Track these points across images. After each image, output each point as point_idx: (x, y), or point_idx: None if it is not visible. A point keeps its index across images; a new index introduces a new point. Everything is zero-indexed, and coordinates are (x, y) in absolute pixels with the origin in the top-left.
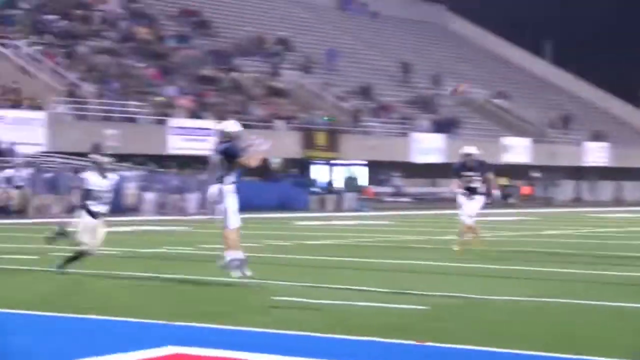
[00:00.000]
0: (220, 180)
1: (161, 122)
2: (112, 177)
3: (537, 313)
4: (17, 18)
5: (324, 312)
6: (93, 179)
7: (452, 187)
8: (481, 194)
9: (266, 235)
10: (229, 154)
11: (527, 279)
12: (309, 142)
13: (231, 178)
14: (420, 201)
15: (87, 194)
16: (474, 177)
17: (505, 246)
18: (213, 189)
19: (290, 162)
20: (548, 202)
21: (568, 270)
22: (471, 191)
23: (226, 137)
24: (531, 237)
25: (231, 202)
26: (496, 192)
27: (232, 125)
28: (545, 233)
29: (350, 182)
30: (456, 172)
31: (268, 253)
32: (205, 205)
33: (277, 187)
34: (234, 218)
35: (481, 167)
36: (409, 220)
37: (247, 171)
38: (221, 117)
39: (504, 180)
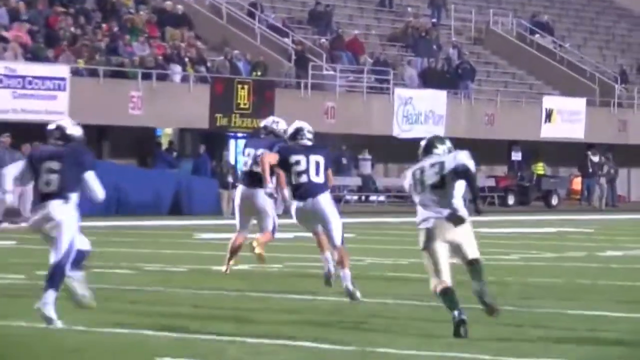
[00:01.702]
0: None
1: None
2: None
3: None
4: None
5: None
6: None
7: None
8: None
9: (139, 256)
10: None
11: (570, 329)
12: (223, 102)
13: None
14: (404, 201)
15: None
16: None
17: (539, 275)
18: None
19: (191, 135)
20: (612, 203)
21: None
22: None
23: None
24: (582, 261)
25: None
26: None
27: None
28: (604, 255)
29: None
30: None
31: (143, 285)
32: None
33: (168, 177)
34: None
35: None
36: (381, 232)
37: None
38: (78, 57)
39: (540, 168)
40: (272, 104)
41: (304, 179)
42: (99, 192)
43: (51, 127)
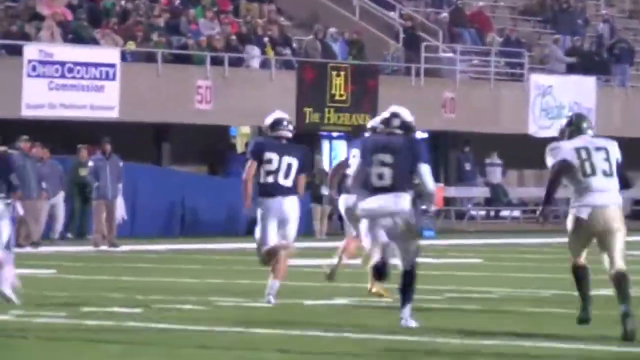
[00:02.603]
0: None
1: (12, 51)
2: None
3: None
4: None
5: None
6: None
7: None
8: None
9: (211, 288)
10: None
11: None
12: (313, 93)
13: None
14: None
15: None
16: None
17: None
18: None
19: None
20: None
21: None
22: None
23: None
24: None
25: None
26: None
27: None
28: None
29: None
30: None
31: (216, 324)
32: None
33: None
34: None
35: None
36: (515, 256)
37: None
38: (130, 38)
39: None
40: (375, 95)
41: (271, 179)
42: (430, 185)
43: (386, 115)
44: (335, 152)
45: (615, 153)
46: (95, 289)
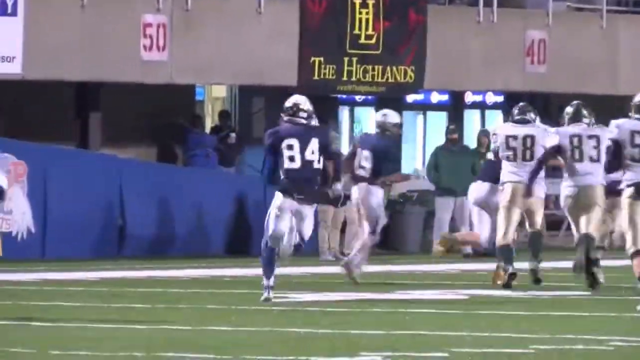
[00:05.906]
0: None
1: None
2: None
3: None
4: None
5: None
6: None
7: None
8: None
9: None
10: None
11: None
12: (324, 34)
13: None
14: None
15: None
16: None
17: None
18: None
19: (265, 101)
20: None
21: None
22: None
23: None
24: None
25: None
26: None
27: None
28: None
29: None
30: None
31: None
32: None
33: (216, 183)
34: None
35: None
36: None
37: None
38: None
39: None
40: (421, 37)
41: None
42: None
43: None
44: (360, 125)
45: (605, 139)
46: None
